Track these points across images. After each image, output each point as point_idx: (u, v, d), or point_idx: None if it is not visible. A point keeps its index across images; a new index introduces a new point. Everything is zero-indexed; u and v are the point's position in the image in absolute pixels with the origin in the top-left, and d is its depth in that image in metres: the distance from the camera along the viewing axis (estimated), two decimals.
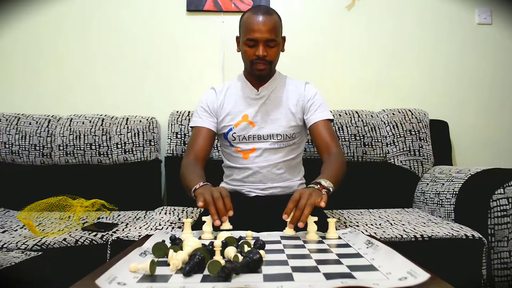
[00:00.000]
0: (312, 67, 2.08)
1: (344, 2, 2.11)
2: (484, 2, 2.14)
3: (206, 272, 0.68)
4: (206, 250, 0.74)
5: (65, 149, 1.83)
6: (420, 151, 1.86)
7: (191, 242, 0.77)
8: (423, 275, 0.62)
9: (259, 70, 1.31)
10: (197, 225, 1.13)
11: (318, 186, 1.05)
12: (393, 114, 1.93)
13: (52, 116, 1.91)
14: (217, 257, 0.73)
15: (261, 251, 0.75)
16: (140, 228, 1.33)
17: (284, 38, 1.38)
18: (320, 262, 0.75)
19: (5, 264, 0.98)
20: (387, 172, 1.85)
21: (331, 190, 1.07)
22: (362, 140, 1.86)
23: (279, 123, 1.35)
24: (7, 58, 2.05)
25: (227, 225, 0.97)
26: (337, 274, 0.67)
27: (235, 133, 1.36)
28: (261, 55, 1.28)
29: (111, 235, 1.29)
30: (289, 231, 0.98)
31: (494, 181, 1.36)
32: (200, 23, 2.08)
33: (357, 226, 1.39)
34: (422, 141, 1.88)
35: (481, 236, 1.28)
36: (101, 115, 1.91)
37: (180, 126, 1.86)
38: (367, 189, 1.82)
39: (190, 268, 0.67)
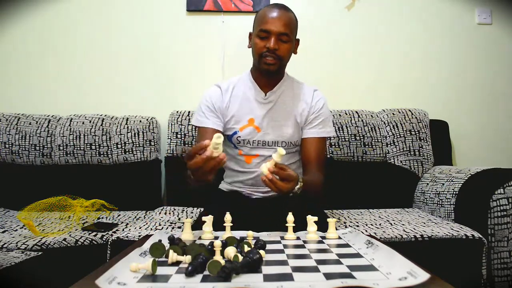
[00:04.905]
0: (312, 67, 2.07)
1: (344, 2, 2.11)
2: (484, 2, 2.14)
3: (206, 272, 0.68)
4: (207, 250, 0.74)
5: (65, 149, 1.83)
6: (420, 151, 1.86)
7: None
8: (423, 275, 0.62)
9: (268, 64, 1.26)
10: (197, 225, 1.13)
11: (298, 186, 1.08)
12: (393, 114, 1.93)
13: (52, 116, 1.91)
14: (217, 257, 0.73)
15: (261, 251, 0.75)
16: (140, 228, 1.33)
17: (298, 41, 1.35)
18: (320, 262, 0.75)
19: (5, 264, 0.97)
20: (387, 172, 1.85)
21: (297, 192, 1.08)
22: (362, 140, 1.86)
23: (285, 130, 1.33)
24: (7, 58, 2.05)
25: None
26: (337, 274, 0.67)
27: (239, 136, 1.33)
28: (272, 47, 1.23)
29: (111, 235, 1.28)
30: (289, 235, 0.97)
31: (494, 181, 1.36)
32: (200, 23, 2.08)
33: (357, 226, 1.39)
34: (422, 141, 1.88)
35: (481, 236, 1.28)
36: (101, 115, 1.91)
37: (180, 126, 1.86)
38: (367, 189, 1.82)
39: (193, 268, 0.67)
